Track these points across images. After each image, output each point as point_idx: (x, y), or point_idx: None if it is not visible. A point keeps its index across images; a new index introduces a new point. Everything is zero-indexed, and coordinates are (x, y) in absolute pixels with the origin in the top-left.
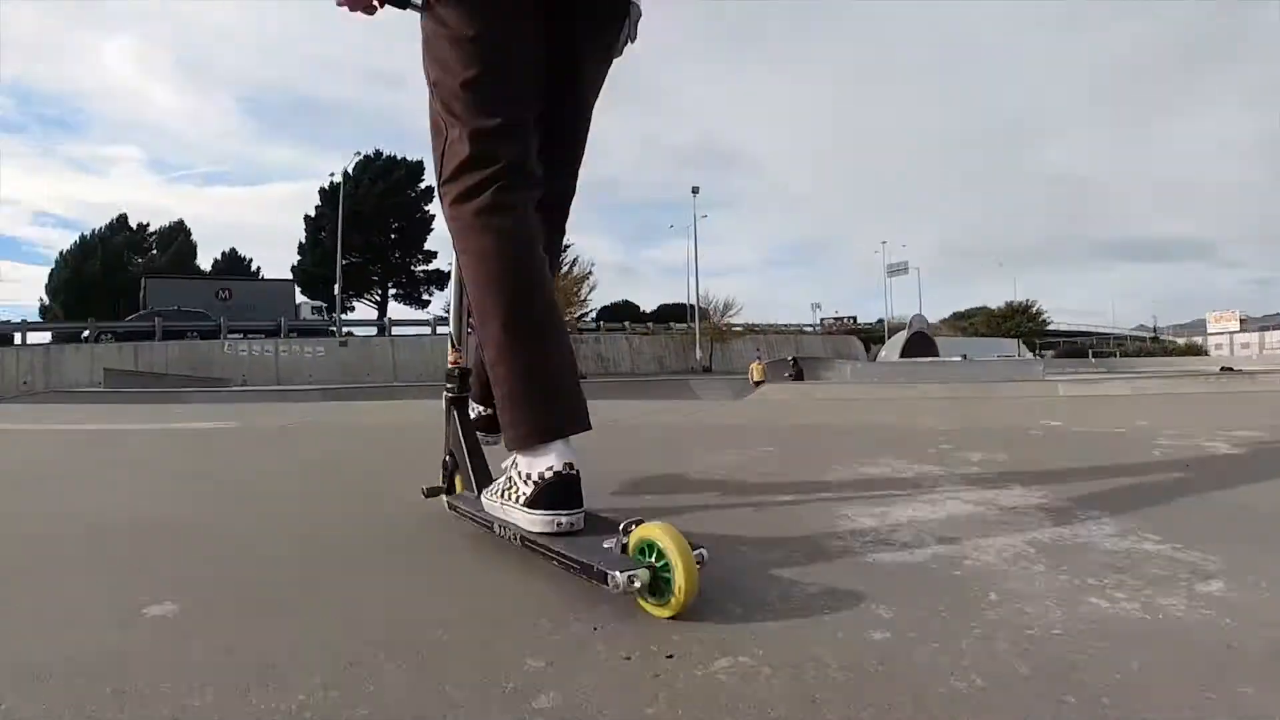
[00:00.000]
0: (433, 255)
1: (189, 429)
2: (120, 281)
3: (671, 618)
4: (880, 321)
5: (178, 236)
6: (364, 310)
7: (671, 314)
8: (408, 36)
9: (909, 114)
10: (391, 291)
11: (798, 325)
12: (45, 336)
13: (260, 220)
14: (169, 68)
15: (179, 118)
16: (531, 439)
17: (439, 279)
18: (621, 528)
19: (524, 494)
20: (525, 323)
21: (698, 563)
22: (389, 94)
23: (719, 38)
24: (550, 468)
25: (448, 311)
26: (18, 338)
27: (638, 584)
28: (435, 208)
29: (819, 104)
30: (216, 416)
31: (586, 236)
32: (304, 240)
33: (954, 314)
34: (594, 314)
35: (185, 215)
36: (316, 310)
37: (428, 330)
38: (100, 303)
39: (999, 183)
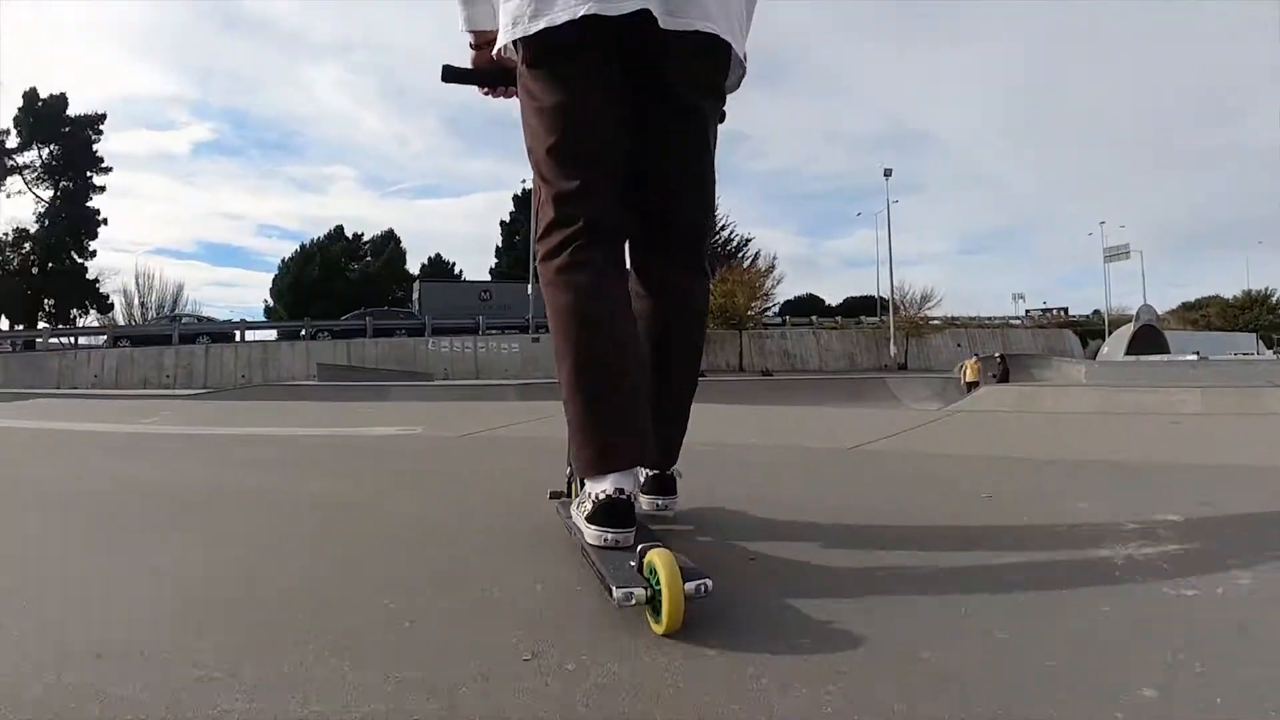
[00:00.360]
0: None
1: (369, 436)
2: (337, 285)
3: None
4: (1095, 313)
5: (389, 244)
6: None
7: (859, 307)
8: None
9: (1119, 80)
10: None
11: (1002, 317)
12: (272, 334)
13: (462, 228)
14: (374, 94)
15: (387, 139)
16: (590, 470)
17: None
18: (639, 550)
19: (587, 509)
20: (591, 369)
21: (700, 593)
22: None
23: (898, 11)
24: (604, 491)
25: None
26: (239, 336)
27: (632, 601)
28: None
29: (1014, 74)
30: (405, 419)
31: (764, 229)
32: (499, 244)
33: (1182, 304)
34: (776, 308)
35: (395, 225)
36: None
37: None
38: (319, 304)
39: (1225, 156)
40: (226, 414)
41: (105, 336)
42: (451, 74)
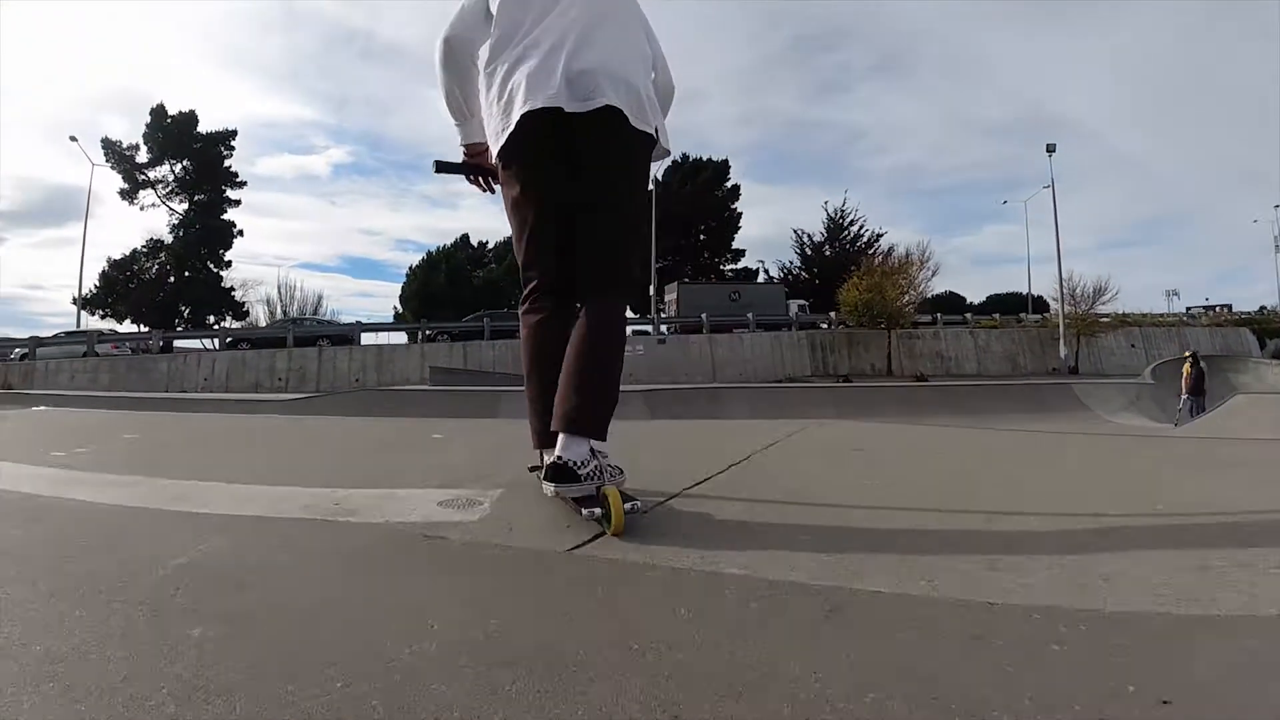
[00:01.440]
0: (740, 254)
1: (369, 530)
2: (461, 291)
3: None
4: (1263, 309)
5: (511, 250)
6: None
7: (1004, 305)
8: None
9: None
10: None
11: (1176, 315)
12: (400, 337)
13: None
14: None
15: None
16: (536, 443)
17: (748, 277)
18: (597, 487)
19: (544, 472)
20: (540, 380)
21: (633, 510)
22: (688, 110)
23: None
24: (549, 460)
25: None
26: (366, 339)
27: (596, 515)
28: (742, 205)
29: (1158, 47)
30: (485, 458)
31: (888, 227)
32: None
33: None
34: (911, 307)
35: None
36: (801, 309)
37: (745, 328)
38: (444, 309)
39: None
40: (219, 439)
41: (217, 340)
42: (442, 167)
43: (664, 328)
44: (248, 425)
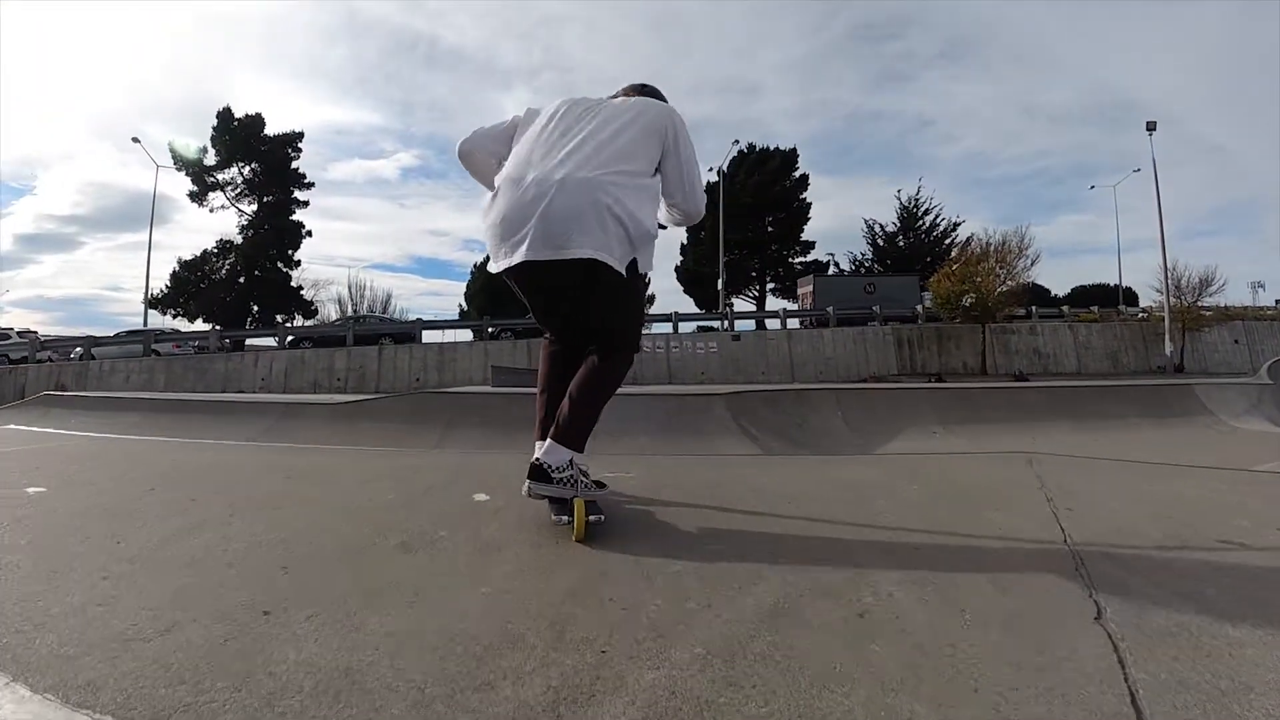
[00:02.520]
0: (810, 245)
1: None
2: None
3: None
4: None
5: None
6: (741, 305)
7: (1092, 297)
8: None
9: None
10: (770, 286)
11: (1275, 309)
12: (464, 334)
13: None
14: None
15: None
16: (538, 436)
17: (819, 271)
18: (571, 497)
19: (527, 470)
20: (541, 388)
21: (597, 521)
22: (747, 103)
23: None
24: (531, 460)
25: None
26: (430, 336)
27: (563, 521)
28: (811, 195)
29: (1242, 28)
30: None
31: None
32: (684, 241)
33: None
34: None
35: None
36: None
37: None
38: (508, 304)
39: None
40: (153, 505)
41: (277, 338)
42: None
43: (795, 321)
44: (225, 463)
